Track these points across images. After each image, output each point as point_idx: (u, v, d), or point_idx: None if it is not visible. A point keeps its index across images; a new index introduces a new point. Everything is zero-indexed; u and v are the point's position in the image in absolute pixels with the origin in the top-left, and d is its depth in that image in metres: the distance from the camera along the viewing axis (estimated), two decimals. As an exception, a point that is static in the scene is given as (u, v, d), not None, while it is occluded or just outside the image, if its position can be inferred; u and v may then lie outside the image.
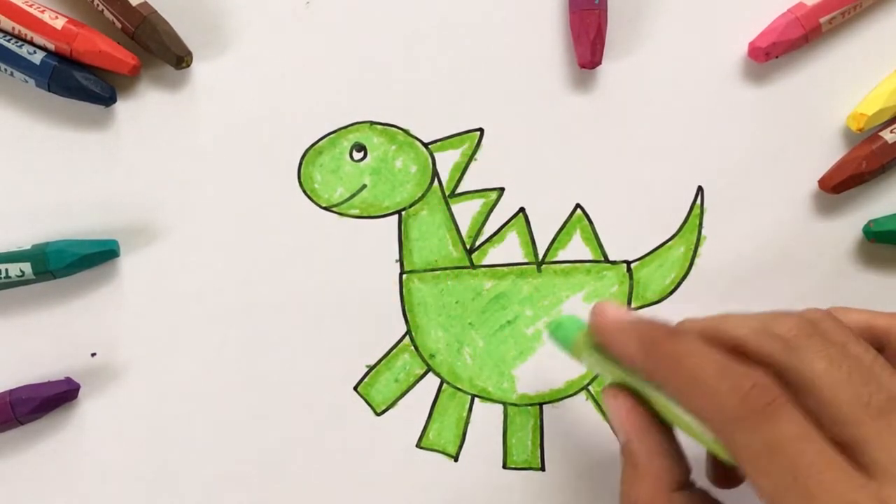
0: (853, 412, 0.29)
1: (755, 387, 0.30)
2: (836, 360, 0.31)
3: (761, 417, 0.29)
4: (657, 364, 0.33)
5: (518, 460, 0.44)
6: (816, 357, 0.31)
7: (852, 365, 0.30)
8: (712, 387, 0.30)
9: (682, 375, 0.32)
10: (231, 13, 0.44)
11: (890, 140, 0.43)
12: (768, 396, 0.29)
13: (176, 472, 0.44)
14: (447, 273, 0.44)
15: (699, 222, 0.44)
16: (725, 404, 0.30)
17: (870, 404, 0.29)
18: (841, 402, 0.30)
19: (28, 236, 0.43)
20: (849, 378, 0.30)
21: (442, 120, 0.44)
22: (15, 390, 0.42)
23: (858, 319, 0.35)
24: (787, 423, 0.29)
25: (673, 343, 0.32)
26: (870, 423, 0.29)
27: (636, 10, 0.45)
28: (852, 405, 0.29)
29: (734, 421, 0.30)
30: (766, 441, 0.29)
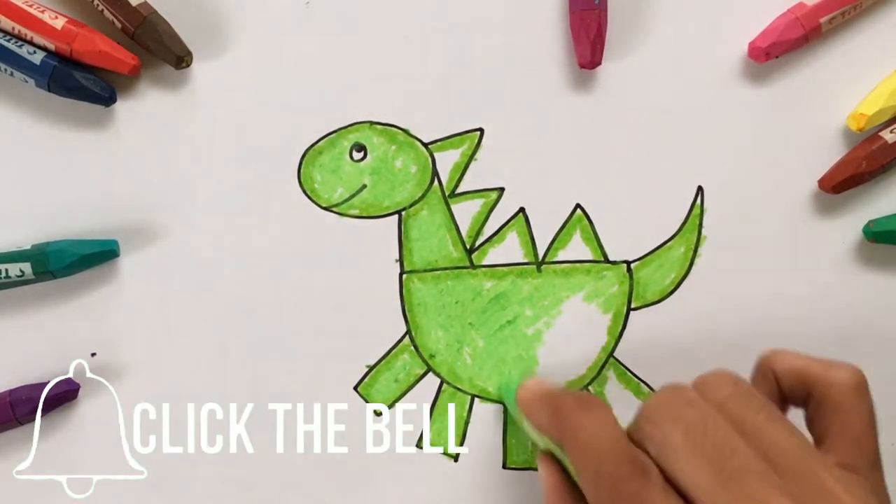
0: (706, 484, 0.29)
1: (630, 472, 0.30)
2: (693, 429, 0.31)
3: (630, 500, 0.30)
4: (561, 433, 0.34)
5: (518, 460, 0.44)
6: (675, 429, 0.31)
7: (710, 432, 0.30)
8: (595, 465, 0.31)
9: (577, 448, 0.33)
10: (231, 13, 0.44)
11: (890, 140, 0.43)
12: (639, 482, 0.30)
13: (176, 472, 0.43)
14: (447, 273, 0.44)
15: (699, 222, 0.44)
16: (601, 486, 0.31)
17: (722, 471, 0.29)
18: (695, 473, 0.30)
19: (28, 236, 0.43)
20: (703, 448, 0.30)
21: (442, 120, 0.44)
22: (15, 390, 0.42)
23: (793, 365, 0.35)
24: (651, 500, 0.30)
25: (576, 414, 0.33)
26: (723, 492, 0.29)
27: (636, 10, 0.45)
28: (705, 476, 0.29)
29: (607, 501, 0.31)
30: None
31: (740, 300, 0.44)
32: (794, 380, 0.34)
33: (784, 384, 0.35)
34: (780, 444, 0.30)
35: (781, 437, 0.30)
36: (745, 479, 0.29)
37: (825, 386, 0.33)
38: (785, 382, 0.35)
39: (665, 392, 0.33)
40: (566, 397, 0.35)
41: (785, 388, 0.35)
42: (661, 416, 0.32)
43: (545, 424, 0.36)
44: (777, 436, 0.30)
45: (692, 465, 0.30)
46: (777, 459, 0.30)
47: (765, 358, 0.35)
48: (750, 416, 0.31)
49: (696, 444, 0.30)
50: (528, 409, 0.38)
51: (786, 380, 0.35)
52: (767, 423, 0.31)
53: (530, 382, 0.39)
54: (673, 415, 0.31)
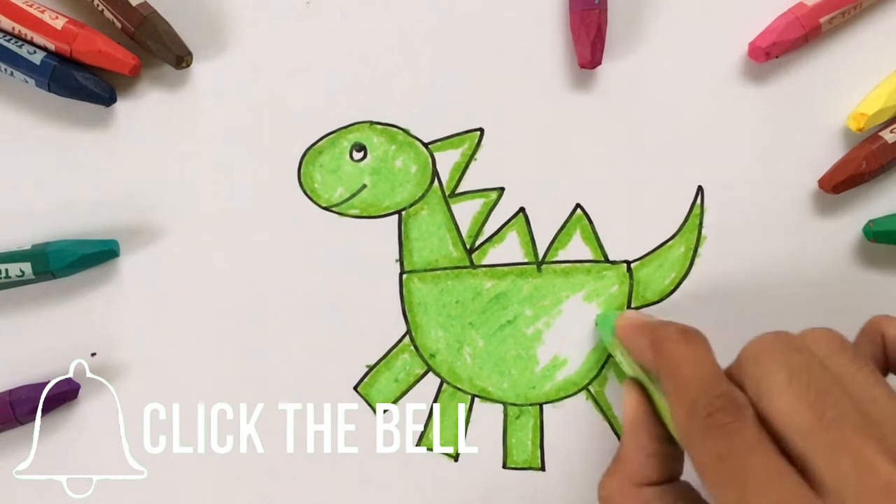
0: (805, 425, 0.29)
1: (725, 405, 0.31)
2: (798, 373, 0.31)
3: (720, 432, 0.30)
4: (660, 362, 0.34)
5: (518, 460, 0.44)
6: (779, 370, 0.31)
7: (815, 378, 0.31)
8: (691, 396, 0.32)
9: (674, 378, 0.33)
10: (231, 13, 0.44)
11: (890, 140, 0.43)
12: (733, 415, 0.30)
13: (176, 472, 0.43)
14: (447, 273, 0.44)
15: (699, 222, 0.44)
16: (694, 415, 0.31)
17: (824, 417, 0.29)
18: (794, 414, 0.30)
19: (28, 236, 0.43)
20: (807, 391, 0.30)
21: (442, 120, 0.44)
22: (15, 390, 0.42)
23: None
24: (742, 437, 0.30)
25: (678, 346, 0.34)
26: (820, 436, 0.29)
27: (636, 10, 0.45)
28: (805, 419, 0.29)
29: (697, 432, 0.31)
30: (718, 452, 0.30)
31: (740, 300, 0.44)
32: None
33: (891, 349, 0.35)
34: (880, 402, 0.30)
35: (882, 397, 0.30)
36: (844, 428, 0.29)
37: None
38: (892, 348, 0.35)
39: (770, 336, 0.33)
40: (668, 327, 0.35)
41: (891, 353, 0.35)
42: (765, 357, 0.32)
43: (644, 351, 0.36)
44: (878, 395, 0.31)
45: (793, 406, 0.30)
46: (876, 417, 0.30)
47: (874, 321, 0.36)
48: (852, 373, 0.31)
49: (798, 386, 0.30)
50: (627, 335, 0.38)
51: (893, 345, 0.35)
52: (869, 381, 0.31)
53: (630, 312, 0.40)
54: (777, 357, 0.31)
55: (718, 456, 0.30)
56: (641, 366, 0.37)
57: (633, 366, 0.38)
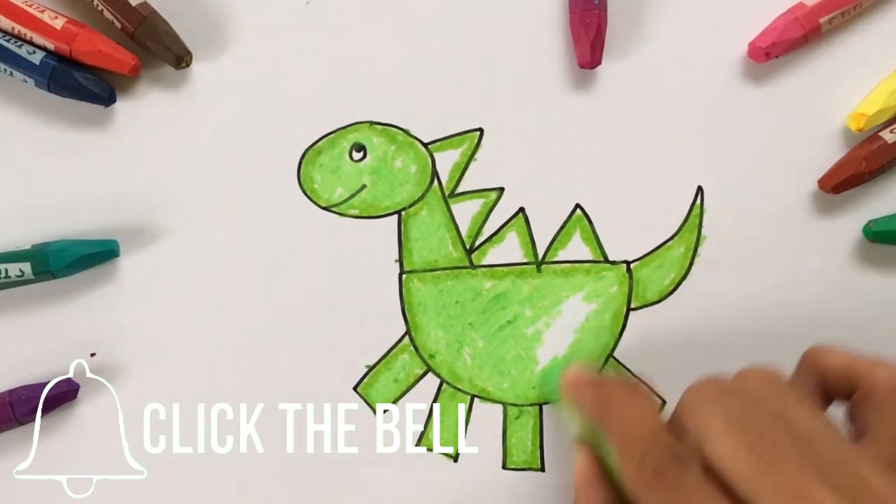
0: (746, 469, 0.30)
1: (669, 459, 0.31)
2: (734, 417, 0.31)
3: (666, 485, 0.31)
4: (605, 420, 0.35)
5: (518, 460, 0.44)
6: (715, 416, 0.31)
7: (752, 420, 0.31)
8: (637, 452, 0.32)
9: (619, 434, 0.33)
10: (231, 13, 0.44)
11: (890, 140, 0.43)
12: (677, 468, 0.31)
13: (176, 472, 0.43)
14: (447, 273, 0.44)
15: (699, 222, 0.44)
16: (641, 470, 0.32)
17: (763, 458, 0.30)
18: (735, 459, 0.30)
19: (28, 236, 0.43)
20: (744, 434, 0.30)
21: (442, 120, 0.44)
22: (15, 390, 0.42)
23: (836, 361, 0.36)
24: (687, 488, 0.31)
25: (621, 402, 0.34)
26: (762, 478, 0.29)
27: (636, 10, 0.45)
28: (745, 462, 0.30)
29: (644, 487, 0.32)
30: (666, 503, 0.31)
31: (740, 300, 0.44)
32: (839, 375, 0.35)
33: (830, 379, 0.35)
34: (819, 435, 0.31)
35: (821, 430, 0.31)
36: (784, 466, 0.29)
37: (870, 383, 0.34)
38: (831, 377, 0.35)
39: (704, 382, 0.33)
40: (613, 384, 0.36)
41: (830, 382, 0.35)
42: (703, 404, 0.32)
43: (588, 409, 0.36)
44: (816, 428, 0.31)
45: (732, 450, 0.30)
46: (816, 450, 0.30)
47: (810, 353, 0.36)
48: (789, 408, 0.32)
49: (735, 430, 0.31)
50: (572, 393, 0.38)
51: (831, 375, 0.35)
52: (807, 415, 0.31)
53: (576, 368, 0.40)
54: (713, 402, 0.32)
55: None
56: (589, 423, 0.37)
57: (580, 423, 0.37)
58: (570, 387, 0.38)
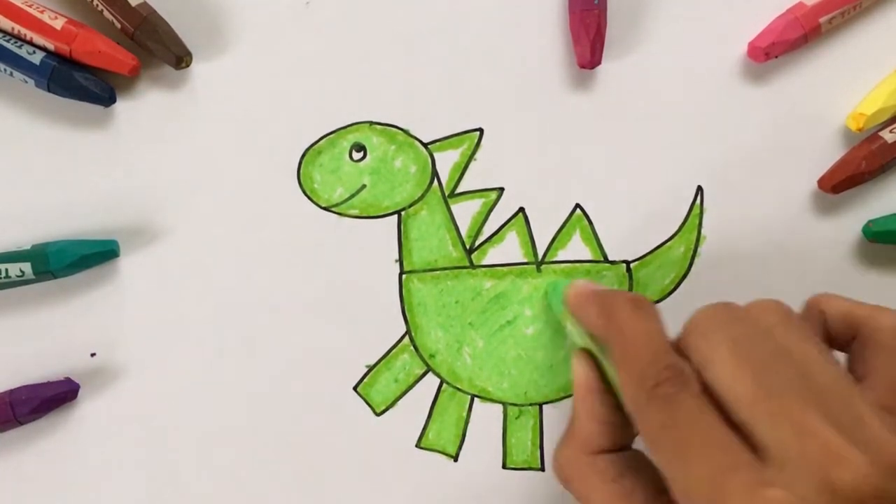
0: (747, 395, 0.30)
1: (670, 376, 0.31)
2: (740, 343, 0.31)
3: (665, 403, 0.31)
4: (609, 332, 0.35)
5: (518, 460, 0.44)
6: (722, 341, 0.32)
7: (757, 348, 0.31)
8: (639, 366, 0.32)
9: (623, 348, 0.34)
10: (231, 13, 0.44)
11: (889, 140, 0.43)
12: (677, 386, 0.31)
13: (176, 472, 0.44)
14: (447, 273, 0.44)
15: (699, 222, 0.44)
16: (642, 385, 0.32)
17: (765, 386, 0.30)
18: (737, 384, 0.30)
19: (28, 236, 0.43)
20: (749, 361, 0.31)
21: (442, 120, 0.44)
22: (15, 390, 0.42)
23: (842, 306, 0.36)
24: (685, 407, 0.31)
25: (628, 315, 0.34)
26: (762, 405, 0.30)
27: (636, 10, 0.45)
28: (747, 388, 0.30)
29: (643, 402, 0.32)
30: (663, 422, 0.31)
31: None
32: (841, 321, 0.35)
33: (831, 325, 0.36)
34: (823, 371, 0.31)
35: (825, 366, 0.31)
36: (785, 396, 0.30)
37: (872, 328, 0.34)
38: (832, 323, 0.36)
39: (714, 307, 0.33)
40: (618, 295, 0.36)
41: (832, 329, 0.36)
42: (709, 328, 0.32)
43: (593, 320, 0.37)
44: (821, 364, 0.31)
45: (734, 376, 0.30)
46: (817, 384, 0.30)
47: (813, 300, 0.37)
48: (795, 343, 0.32)
49: (740, 356, 0.31)
50: (576, 304, 0.39)
51: (833, 321, 0.36)
52: (812, 351, 0.31)
53: (581, 281, 0.40)
54: (721, 328, 0.32)
55: (663, 425, 0.31)
56: (591, 335, 0.37)
57: (584, 336, 0.38)
58: (576, 298, 0.39)
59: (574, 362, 0.37)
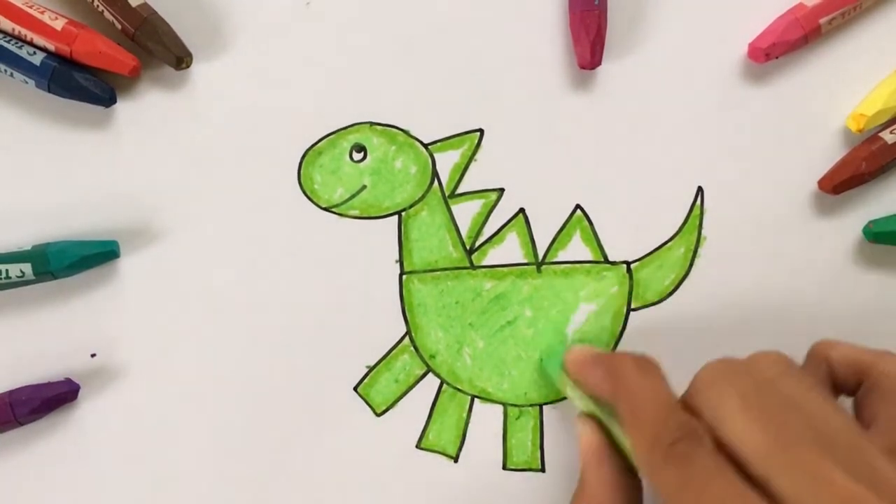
0: (761, 447, 0.30)
1: (684, 434, 0.31)
2: (749, 396, 0.32)
3: (681, 461, 0.31)
4: (617, 394, 0.35)
5: (518, 461, 0.44)
6: (730, 395, 0.32)
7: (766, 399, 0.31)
8: (651, 427, 0.32)
9: (633, 409, 0.34)
10: (231, 13, 0.44)
11: (890, 141, 0.43)
12: (692, 444, 0.31)
13: (176, 473, 0.44)
14: (447, 273, 0.44)
15: (699, 222, 0.44)
16: (656, 446, 0.32)
17: (778, 438, 0.30)
18: (750, 437, 0.30)
19: (28, 236, 0.43)
20: (759, 413, 0.31)
21: (442, 120, 0.44)
22: (15, 391, 0.42)
23: (844, 353, 0.36)
24: (701, 464, 0.31)
25: (635, 377, 0.35)
26: (777, 457, 0.30)
27: (636, 10, 0.45)
28: (760, 440, 0.30)
29: (658, 462, 0.32)
30: (680, 481, 0.31)
31: (740, 300, 0.44)
32: (847, 367, 0.35)
33: (837, 371, 0.36)
34: (831, 420, 0.31)
35: (833, 415, 0.31)
36: (799, 446, 0.30)
37: (878, 373, 0.34)
38: (838, 369, 0.36)
39: (719, 362, 0.34)
40: (623, 358, 0.36)
41: (838, 375, 0.36)
42: (717, 383, 0.32)
43: (599, 384, 0.37)
44: (828, 413, 0.31)
45: (747, 429, 0.31)
46: (829, 434, 0.30)
47: (818, 346, 0.37)
48: (801, 393, 0.32)
49: (750, 409, 0.31)
50: (580, 369, 0.38)
51: (839, 367, 0.36)
52: (818, 399, 0.32)
53: (578, 347, 0.40)
54: (728, 382, 0.32)
55: (681, 484, 0.31)
56: (595, 399, 0.37)
57: (586, 400, 0.38)
58: (577, 364, 0.39)
59: (579, 428, 0.37)
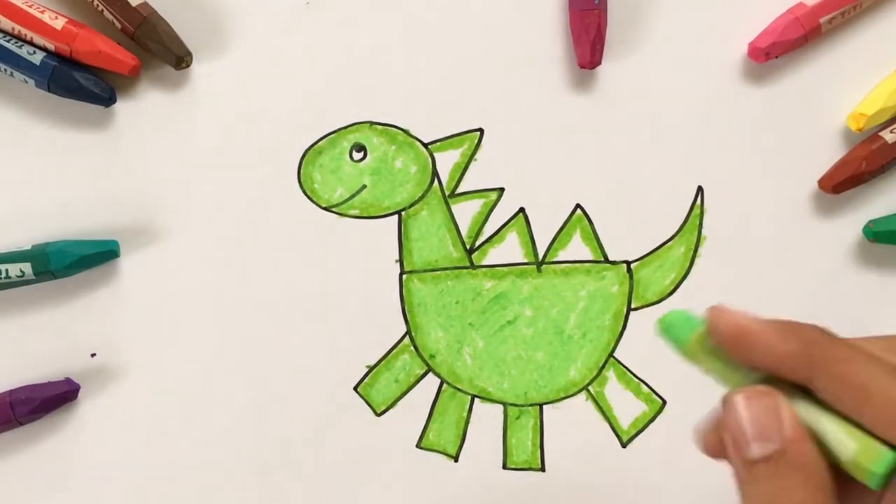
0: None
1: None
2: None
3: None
4: (820, 367, 0.30)
5: (518, 460, 0.44)
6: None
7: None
8: (889, 397, 0.28)
9: (852, 382, 0.29)
10: (231, 13, 0.44)
11: (890, 140, 0.43)
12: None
13: (176, 472, 0.44)
14: (447, 273, 0.44)
15: (699, 222, 0.44)
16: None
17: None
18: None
19: (28, 236, 0.43)
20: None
21: (442, 120, 0.44)
22: (15, 391, 0.42)
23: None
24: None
25: (836, 347, 0.30)
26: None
27: (636, 10, 0.45)
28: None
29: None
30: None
31: (740, 300, 0.44)
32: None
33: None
34: None
35: None
36: None
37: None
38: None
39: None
40: (812, 327, 0.30)
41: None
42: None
43: (788, 353, 0.30)
44: None
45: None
46: None
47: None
48: None
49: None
50: (752, 339, 0.31)
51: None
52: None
53: (730, 310, 0.32)
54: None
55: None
56: (769, 370, 0.31)
57: (735, 374, 0.31)
58: (744, 333, 0.31)
59: (751, 401, 0.30)
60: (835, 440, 0.29)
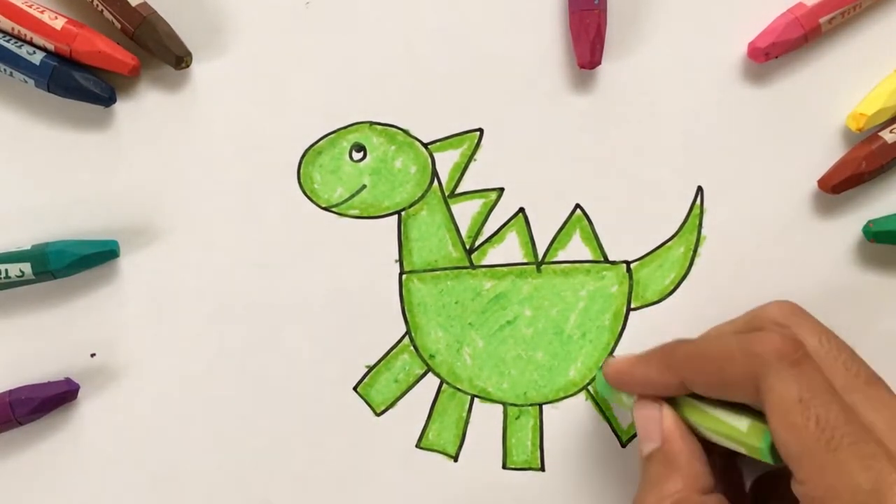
0: (848, 381, 0.33)
1: (785, 340, 0.32)
2: (825, 338, 0.36)
3: (794, 365, 0.32)
4: (681, 369, 0.35)
5: (518, 460, 0.44)
6: (810, 333, 0.36)
7: (838, 344, 0.36)
8: (739, 357, 0.33)
9: (709, 363, 0.34)
10: (231, 13, 0.44)
11: (889, 140, 0.43)
12: (797, 347, 0.32)
13: (176, 473, 0.44)
14: (447, 273, 0.44)
15: (699, 222, 0.44)
16: (759, 359, 0.32)
17: (858, 375, 0.32)
18: (836, 372, 0.33)
19: (28, 236, 0.43)
20: (838, 353, 0.35)
21: (442, 120, 0.44)
22: (15, 390, 0.42)
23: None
24: (814, 375, 0.32)
25: (687, 345, 0.36)
26: (863, 390, 0.32)
27: (636, 10, 0.45)
28: (846, 375, 0.33)
29: (770, 369, 0.32)
30: (799, 392, 0.31)
31: (740, 300, 0.44)
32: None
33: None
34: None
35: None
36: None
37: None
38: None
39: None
40: (665, 345, 0.38)
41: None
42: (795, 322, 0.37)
43: (655, 374, 0.37)
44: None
45: (833, 366, 0.35)
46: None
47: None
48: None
49: (831, 349, 0.36)
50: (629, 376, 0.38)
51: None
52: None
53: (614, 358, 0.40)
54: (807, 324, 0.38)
55: (799, 399, 0.31)
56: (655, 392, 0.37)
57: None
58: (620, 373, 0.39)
59: (644, 411, 0.37)
60: (728, 433, 0.35)
